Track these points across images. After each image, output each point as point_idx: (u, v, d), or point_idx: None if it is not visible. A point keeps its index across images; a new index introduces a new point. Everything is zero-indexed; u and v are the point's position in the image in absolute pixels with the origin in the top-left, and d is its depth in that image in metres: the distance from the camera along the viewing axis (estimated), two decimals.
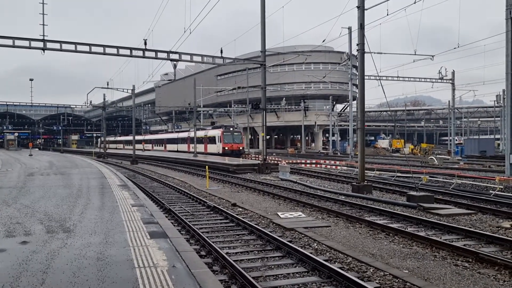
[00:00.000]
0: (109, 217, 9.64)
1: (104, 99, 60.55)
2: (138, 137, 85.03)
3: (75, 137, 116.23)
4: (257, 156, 45.12)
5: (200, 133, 50.97)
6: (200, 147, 50.18)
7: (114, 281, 5.29)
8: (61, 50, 23.98)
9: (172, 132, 75.86)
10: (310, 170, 30.60)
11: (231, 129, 48.05)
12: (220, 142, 45.59)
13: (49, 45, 23.58)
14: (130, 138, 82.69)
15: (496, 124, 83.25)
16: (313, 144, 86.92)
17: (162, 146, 67.93)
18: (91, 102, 58.06)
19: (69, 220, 9.32)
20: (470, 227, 11.21)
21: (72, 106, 71.30)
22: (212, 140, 48.28)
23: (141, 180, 26.10)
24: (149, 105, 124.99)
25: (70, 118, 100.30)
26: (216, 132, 47.84)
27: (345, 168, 31.26)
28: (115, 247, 6.94)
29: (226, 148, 44.90)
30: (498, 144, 62.83)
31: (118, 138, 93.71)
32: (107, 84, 45.80)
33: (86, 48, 24.67)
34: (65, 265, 5.96)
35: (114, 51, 25.29)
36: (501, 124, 57.10)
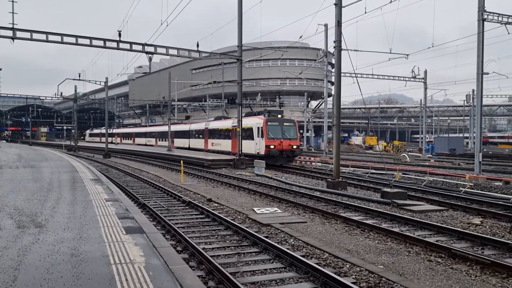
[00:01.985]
0: (82, 212, 9.41)
1: (76, 91, 59.16)
2: (125, 130, 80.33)
3: (44, 129, 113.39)
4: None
5: (221, 124, 37.80)
6: (216, 144, 38.16)
7: (90, 277, 5.15)
8: (31, 39, 23.26)
9: (162, 125, 64.36)
10: (285, 166, 30.70)
11: (279, 116, 31.69)
12: (262, 136, 29.74)
13: (19, 34, 22.82)
14: (128, 130, 77.10)
15: (465, 123, 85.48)
16: None
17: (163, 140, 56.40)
18: (61, 94, 56.45)
19: (41, 215, 9.06)
20: (442, 224, 11.46)
21: (41, 98, 69.18)
22: (246, 134, 31.95)
23: (115, 174, 25.66)
24: (122, 98, 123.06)
25: (39, 110, 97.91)
26: (254, 122, 31.26)
27: (319, 164, 31.56)
28: (89, 243, 6.77)
29: (273, 146, 28.98)
30: (467, 143, 64.58)
31: (118, 130, 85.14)
32: (79, 76, 44.60)
33: (58, 38, 23.99)
34: (38, 261, 5.77)
35: (87, 41, 24.68)
36: (470, 123, 58.71)
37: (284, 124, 30.74)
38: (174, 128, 51.60)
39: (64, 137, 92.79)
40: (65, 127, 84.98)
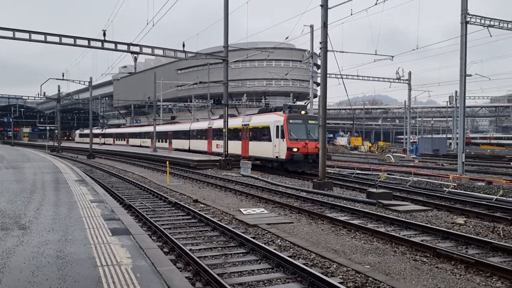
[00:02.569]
0: (67, 214, 9.29)
1: (59, 90, 58.39)
2: (118, 130, 75.19)
3: (27, 129, 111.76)
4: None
5: (234, 122, 32.17)
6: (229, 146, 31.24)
7: (76, 280, 5.08)
8: (14, 38, 22.90)
9: (160, 124, 57.24)
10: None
11: (303, 112, 26.42)
12: (283, 137, 24.77)
13: (1, 32, 22.46)
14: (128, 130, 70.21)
15: (448, 124, 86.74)
16: None
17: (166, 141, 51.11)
18: (44, 94, 55.67)
19: (25, 216, 8.91)
20: (427, 223, 11.59)
21: (24, 98, 68.16)
22: (263, 134, 27.48)
23: (99, 175, 25.39)
24: (107, 98, 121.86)
25: (22, 110, 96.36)
26: (272, 119, 26.28)
27: None
28: (75, 245, 6.68)
29: (296, 149, 23.95)
30: (450, 143, 65.51)
31: (111, 131, 79.27)
32: (63, 76, 44.09)
33: (41, 37, 23.68)
34: (22, 263, 5.68)
35: (71, 41, 24.40)
36: (453, 124, 59.55)
37: (309, 122, 25.47)
38: (173, 128, 48.85)
39: (47, 138, 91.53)
40: (48, 128, 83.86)
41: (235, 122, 31.85)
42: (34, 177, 17.36)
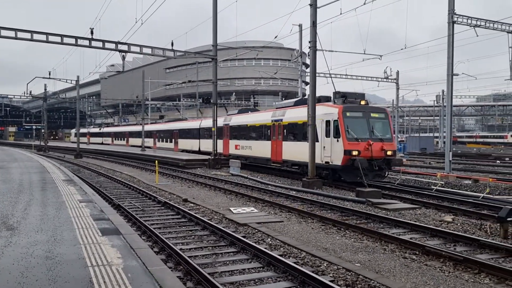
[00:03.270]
0: (55, 214, 9.18)
1: (46, 89, 57.70)
2: (117, 129, 67.43)
3: (12, 129, 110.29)
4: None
5: (252, 119, 28.04)
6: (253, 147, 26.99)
7: (67, 280, 5.03)
8: (0, 36, 22.59)
9: (167, 122, 53.51)
10: (261, 166, 30.75)
11: (363, 102, 20.24)
12: (337, 136, 18.96)
13: None
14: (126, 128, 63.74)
15: (435, 123, 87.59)
16: None
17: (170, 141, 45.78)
18: (31, 93, 54.99)
19: (12, 217, 8.79)
20: (416, 221, 11.70)
21: (9, 96, 67.22)
22: (299, 132, 22.18)
23: (87, 174, 25.16)
24: (94, 97, 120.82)
25: (7, 109, 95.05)
26: (322, 112, 20.04)
27: None
28: (64, 245, 6.61)
29: (355, 152, 18.13)
30: (437, 142, 66.16)
31: (110, 129, 72.65)
32: (49, 74, 43.57)
33: (28, 35, 23.40)
34: (11, 264, 5.60)
35: (58, 39, 24.16)
36: (440, 123, 60.16)
37: (372, 115, 19.31)
38: (179, 125, 43.60)
39: (34, 137, 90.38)
40: (34, 127, 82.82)
41: (260, 118, 26.26)
42: (21, 177, 17.15)
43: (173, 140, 44.58)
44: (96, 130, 79.35)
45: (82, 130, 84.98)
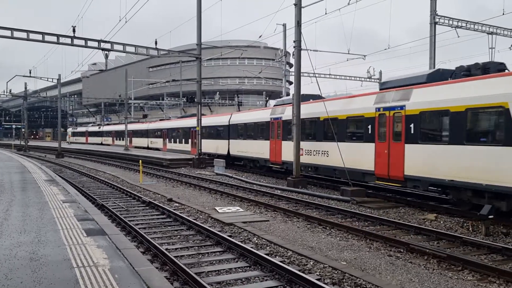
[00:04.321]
0: (38, 214, 9.04)
1: (26, 88, 56.73)
2: (138, 126, 54.75)
3: None
4: None
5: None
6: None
7: (52, 282, 4.96)
8: None
9: (182, 117, 43.18)
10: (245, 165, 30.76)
11: None
12: None
13: None
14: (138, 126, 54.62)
15: None
16: None
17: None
18: (10, 91, 54.07)
19: None
20: (400, 220, 11.85)
21: None
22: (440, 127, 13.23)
23: (69, 174, 24.81)
24: (75, 96, 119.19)
25: None
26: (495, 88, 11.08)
27: None
28: (49, 246, 6.51)
29: None
30: None
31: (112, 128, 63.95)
32: (30, 73, 42.90)
33: (8, 33, 22.90)
34: None
35: (39, 37, 23.69)
36: None
37: None
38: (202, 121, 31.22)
39: (13, 137, 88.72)
40: (14, 126, 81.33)
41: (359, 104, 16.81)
42: (1, 177, 16.82)
43: (189, 140, 35.46)
44: (95, 129, 71.33)
45: (80, 129, 78.94)
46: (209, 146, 31.25)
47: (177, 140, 39.30)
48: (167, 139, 41.82)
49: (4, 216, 8.78)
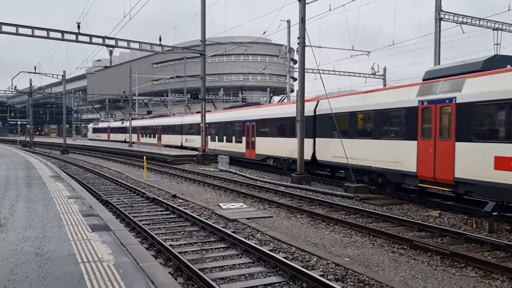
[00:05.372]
0: (44, 210, 9.11)
1: (31, 84, 56.97)
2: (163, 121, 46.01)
3: None
4: None
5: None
6: None
7: (57, 277, 5.00)
8: None
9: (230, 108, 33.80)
10: (249, 161, 30.77)
11: None
12: None
13: None
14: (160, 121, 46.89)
15: None
16: None
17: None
18: (15, 88, 54.24)
19: None
20: (403, 216, 11.85)
21: None
22: None
23: (74, 170, 24.93)
24: (80, 92, 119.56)
25: None
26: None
27: None
28: (54, 242, 6.56)
29: None
30: None
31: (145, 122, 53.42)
32: (35, 69, 43.04)
33: (13, 29, 22.98)
34: (0, 261, 5.55)
35: (44, 33, 23.76)
36: None
37: None
38: (258, 112, 25.90)
39: (19, 133, 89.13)
40: (19, 122, 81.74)
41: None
42: (7, 173, 16.93)
43: (243, 139, 26.91)
44: (118, 124, 61.29)
45: (102, 125, 70.79)
46: (269, 146, 23.44)
47: (225, 138, 29.96)
48: (209, 137, 32.55)
49: (10, 212, 8.85)
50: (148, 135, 49.41)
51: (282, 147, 22.47)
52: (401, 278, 7.04)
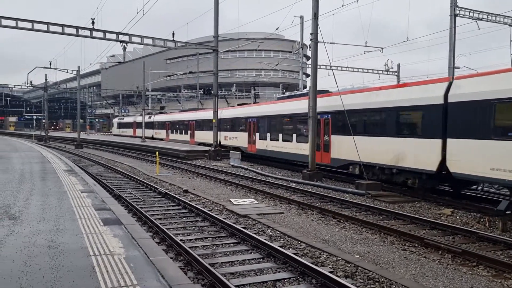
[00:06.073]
0: (57, 204, 9.25)
1: (46, 79, 57.67)
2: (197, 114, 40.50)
3: (13, 119, 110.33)
4: None
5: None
6: None
7: (70, 269, 5.09)
8: (0, 26, 22.51)
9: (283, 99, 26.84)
10: (261, 157, 30.80)
11: None
12: None
13: None
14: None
15: None
16: None
17: None
18: (31, 83, 54.95)
19: (14, 206, 8.85)
20: (415, 214, 11.78)
21: (10, 86, 67.07)
22: None
23: (88, 165, 25.22)
24: (94, 87, 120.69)
25: (8, 98, 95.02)
26: None
27: None
28: (67, 235, 6.67)
29: None
30: None
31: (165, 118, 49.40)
32: (50, 64, 43.59)
33: (29, 25, 23.28)
34: (14, 253, 5.66)
35: (59, 29, 24.02)
36: None
37: None
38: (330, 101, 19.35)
39: (34, 127, 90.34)
40: (35, 117, 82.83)
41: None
42: (22, 166, 17.20)
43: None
44: (145, 118, 52.33)
45: (127, 119, 64.99)
46: (354, 148, 16.44)
47: (281, 136, 23.74)
48: (257, 134, 26.66)
49: (24, 205, 9.01)
50: (178, 131, 44.00)
51: (378, 149, 16.00)
52: (411, 276, 7.02)
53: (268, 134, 25.33)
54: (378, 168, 16.19)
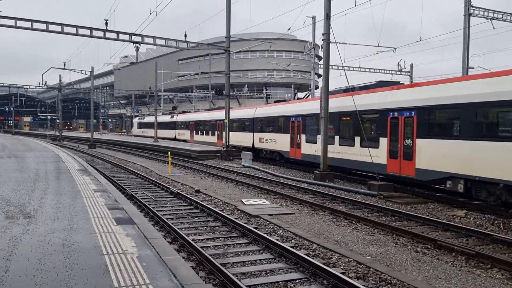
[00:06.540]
0: (71, 203, 9.35)
1: (60, 80, 58.30)
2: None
3: (28, 119, 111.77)
4: None
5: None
6: None
7: (83, 268, 5.16)
8: (15, 27, 22.82)
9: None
10: (272, 158, 30.79)
11: None
12: None
13: (2, 21, 22.37)
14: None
15: None
16: None
17: None
18: (46, 83, 55.65)
19: (29, 205, 8.98)
20: (428, 215, 11.67)
21: (25, 87, 68.05)
22: None
23: (100, 165, 25.46)
24: (107, 88, 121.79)
25: (23, 99, 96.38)
26: None
27: None
28: (80, 234, 6.75)
29: None
30: None
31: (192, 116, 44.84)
32: (64, 65, 44.12)
33: (43, 26, 23.57)
34: (29, 251, 5.75)
35: (73, 30, 24.29)
36: None
37: None
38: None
39: (48, 127, 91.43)
40: (49, 117, 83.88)
41: None
42: (36, 166, 17.42)
43: (382, 140, 16.65)
44: (166, 118, 52.17)
45: (148, 119, 60.38)
46: (456, 156, 13.05)
47: (337, 139, 19.77)
48: (303, 136, 22.83)
49: (39, 204, 9.13)
50: (204, 132, 39.66)
51: (490, 159, 11.92)
52: (424, 278, 6.96)
53: (307, 135, 22.19)
54: (504, 187, 11.68)
